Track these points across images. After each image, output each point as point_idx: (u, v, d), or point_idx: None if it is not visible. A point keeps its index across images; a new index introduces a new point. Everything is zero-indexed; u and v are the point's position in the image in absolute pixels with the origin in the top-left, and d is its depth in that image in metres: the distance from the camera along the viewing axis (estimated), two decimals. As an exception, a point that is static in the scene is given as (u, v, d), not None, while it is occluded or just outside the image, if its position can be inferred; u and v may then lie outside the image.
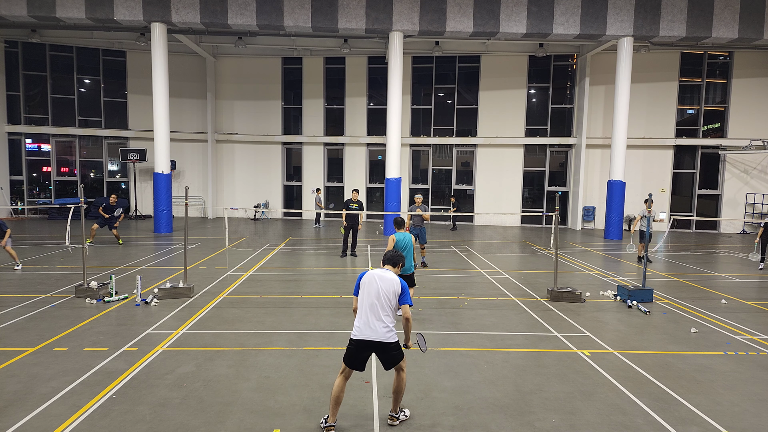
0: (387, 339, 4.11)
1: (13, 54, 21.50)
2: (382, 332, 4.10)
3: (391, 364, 4.19)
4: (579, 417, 4.45)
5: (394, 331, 4.18)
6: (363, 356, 4.17)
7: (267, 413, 4.41)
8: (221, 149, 22.88)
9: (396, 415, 4.30)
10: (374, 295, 4.15)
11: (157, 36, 16.37)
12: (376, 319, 4.11)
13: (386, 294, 4.15)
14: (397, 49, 16.74)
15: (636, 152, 20.85)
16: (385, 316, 4.13)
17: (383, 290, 4.16)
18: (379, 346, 4.13)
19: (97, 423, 4.18)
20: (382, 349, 4.14)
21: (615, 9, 16.40)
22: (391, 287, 4.18)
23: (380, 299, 4.13)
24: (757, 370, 5.62)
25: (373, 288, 4.17)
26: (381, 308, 4.12)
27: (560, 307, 8.19)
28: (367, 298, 4.16)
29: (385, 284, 4.18)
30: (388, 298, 4.15)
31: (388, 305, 4.15)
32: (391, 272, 4.30)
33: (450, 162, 22.55)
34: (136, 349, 5.87)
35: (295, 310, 7.77)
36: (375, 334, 4.09)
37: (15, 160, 22.03)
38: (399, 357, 4.20)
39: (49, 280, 9.48)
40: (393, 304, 4.19)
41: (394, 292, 4.18)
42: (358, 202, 12.83)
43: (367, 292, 4.19)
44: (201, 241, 15.10)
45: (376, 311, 4.11)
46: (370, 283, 4.20)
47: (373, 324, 4.10)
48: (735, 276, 11.38)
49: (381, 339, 4.09)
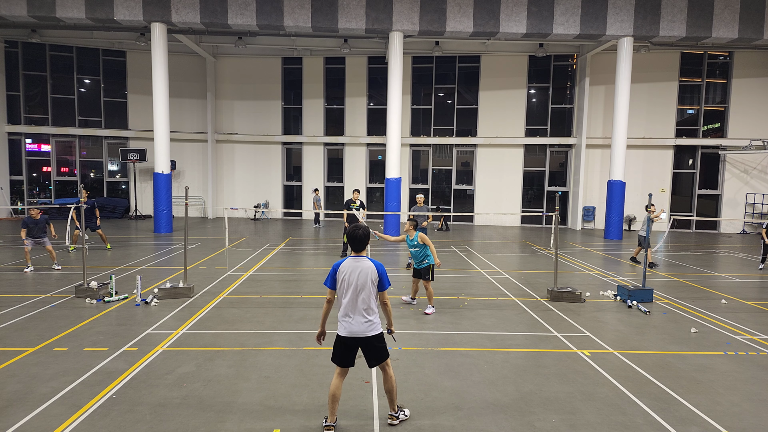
0: (369, 333, 3.99)
1: (13, 54, 21.51)
2: (364, 327, 3.99)
3: (377, 360, 4.07)
4: (579, 417, 4.45)
5: (376, 323, 4.05)
6: (351, 353, 4.07)
7: (267, 413, 4.41)
8: (221, 149, 22.88)
9: (396, 414, 4.24)
10: (351, 288, 3.98)
11: (157, 36, 16.37)
12: (356, 313, 3.98)
13: (363, 285, 3.98)
14: (397, 49, 16.74)
15: (636, 152, 20.86)
16: (365, 309, 3.98)
17: (359, 282, 3.98)
18: (362, 342, 4.02)
19: (97, 423, 4.18)
20: (366, 345, 4.03)
21: (615, 9, 16.40)
22: (366, 277, 3.99)
23: (357, 292, 3.98)
24: (757, 370, 5.62)
25: (352, 280, 3.99)
26: (362, 301, 3.98)
27: (560, 307, 8.19)
28: (346, 292, 4.00)
29: (361, 275, 3.99)
30: (367, 288, 3.98)
31: (368, 296, 3.99)
32: (365, 260, 4.06)
33: (450, 162, 22.55)
34: (136, 349, 5.87)
35: (295, 310, 7.76)
36: (361, 330, 3.98)
37: (15, 160, 22.04)
38: (384, 353, 4.09)
39: (49, 280, 9.48)
40: (372, 294, 4.03)
41: (372, 280, 4.01)
42: (359, 201, 12.81)
43: (345, 285, 4.01)
44: (201, 241, 15.10)
45: (355, 305, 3.98)
46: (350, 274, 4.00)
47: (355, 319, 3.99)
48: (735, 276, 11.38)
49: (363, 334, 3.98)
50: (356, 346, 4.05)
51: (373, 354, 4.06)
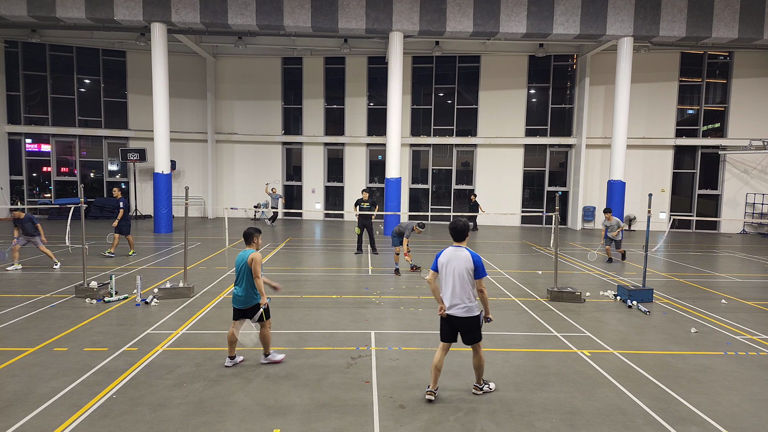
0: (466, 315, 4.46)
1: (13, 54, 21.50)
2: (462, 311, 4.46)
3: (471, 340, 4.57)
4: (579, 417, 4.45)
5: (472, 308, 4.50)
6: (452, 330, 4.58)
7: (267, 413, 4.41)
8: (221, 149, 22.88)
9: (480, 386, 4.76)
10: (451, 275, 4.48)
11: (157, 36, 16.36)
12: (455, 298, 4.47)
13: (461, 273, 4.44)
14: (397, 49, 16.74)
15: (636, 152, 20.85)
16: (463, 294, 4.45)
17: (457, 270, 4.46)
18: (459, 323, 4.50)
19: (97, 423, 4.18)
20: (462, 326, 4.51)
21: (615, 9, 16.40)
22: (468, 265, 4.45)
23: (455, 279, 4.46)
24: (757, 370, 5.62)
25: (450, 268, 4.49)
26: (461, 287, 4.45)
27: (560, 307, 8.19)
28: (447, 278, 4.51)
29: (463, 263, 4.45)
30: (463, 276, 4.44)
31: (465, 283, 4.45)
32: (462, 249, 4.54)
33: (450, 162, 22.54)
34: (136, 349, 5.87)
35: (294, 310, 7.76)
36: (459, 311, 4.47)
37: (15, 160, 22.03)
38: (477, 336, 4.57)
39: (49, 280, 9.48)
40: (469, 281, 4.47)
41: (467, 269, 4.45)
42: (370, 201, 13.19)
43: (446, 271, 4.52)
44: (201, 241, 15.10)
45: (455, 290, 4.46)
46: (448, 262, 4.51)
47: (454, 303, 4.47)
48: (735, 276, 11.38)
49: (464, 315, 4.46)
50: (456, 325, 4.54)
51: (468, 335, 4.57)
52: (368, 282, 9.92)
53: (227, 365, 5.40)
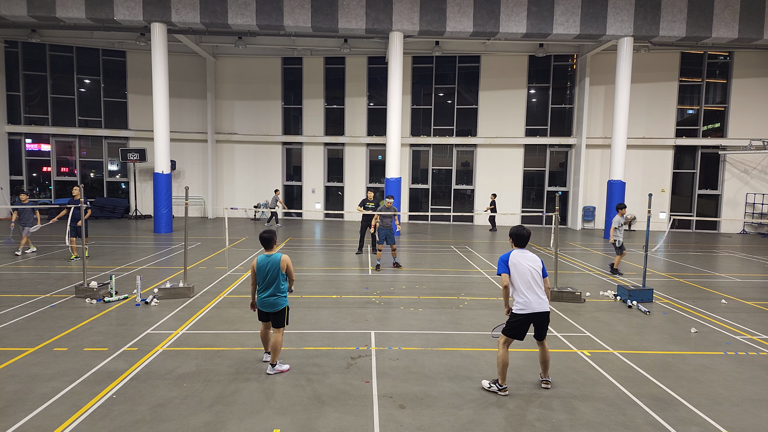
0: (544, 308, 4.83)
1: (13, 54, 21.50)
2: (540, 304, 4.80)
3: (544, 333, 4.94)
4: (579, 417, 4.45)
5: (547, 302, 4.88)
6: (526, 327, 4.88)
7: (267, 413, 4.41)
8: (221, 149, 22.88)
9: (548, 380, 5.07)
10: (528, 274, 4.84)
11: (157, 36, 16.36)
12: (536, 294, 4.81)
13: (537, 271, 4.87)
14: (397, 49, 16.74)
15: (636, 152, 20.85)
16: (539, 289, 4.84)
17: (533, 269, 4.87)
18: (542, 316, 4.85)
19: (97, 423, 4.18)
20: (543, 319, 4.87)
21: (615, 9, 16.40)
22: (537, 265, 4.92)
23: (533, 277, 4.84)
24: (757, 370, 5.62)
25: (525, 268, 4.86)
26: (536, 284, 4.84)
27: (560, 307, 8.19)
28: (522, 278, 4.84)
29: (532, 264, 4.90)
30: (539, 273, 4.88)
31: (541, 281, 4.87)
32: (528, 252, 5.02)
33: (450, 162, 22.54)
34: (136, 349, 5.87)
35: (295, 310, 7.76)
36: (540, 306, 4.80)
37: (15, 160, 22.03)
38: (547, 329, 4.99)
39: (49, 280, 9.48)
40: (542, 278, 4.91)
41: (539, 269, 4.92)
42: (375, 201, 13.21)
43: (521, 272, 4.85)
44: (201, 241, 15.10)
45: (534, 288, 4.82)
46: (520, 263, 4.88)
47: (536, 299, 4.79)
48: (735, 276, 11.38)
49: (544, 309, 4.83)
50: (531, 321, 4.86)
51: (542, 328, 4.93)
52: (368, 282, 9.92)
53: (265, 360, 5.57)
